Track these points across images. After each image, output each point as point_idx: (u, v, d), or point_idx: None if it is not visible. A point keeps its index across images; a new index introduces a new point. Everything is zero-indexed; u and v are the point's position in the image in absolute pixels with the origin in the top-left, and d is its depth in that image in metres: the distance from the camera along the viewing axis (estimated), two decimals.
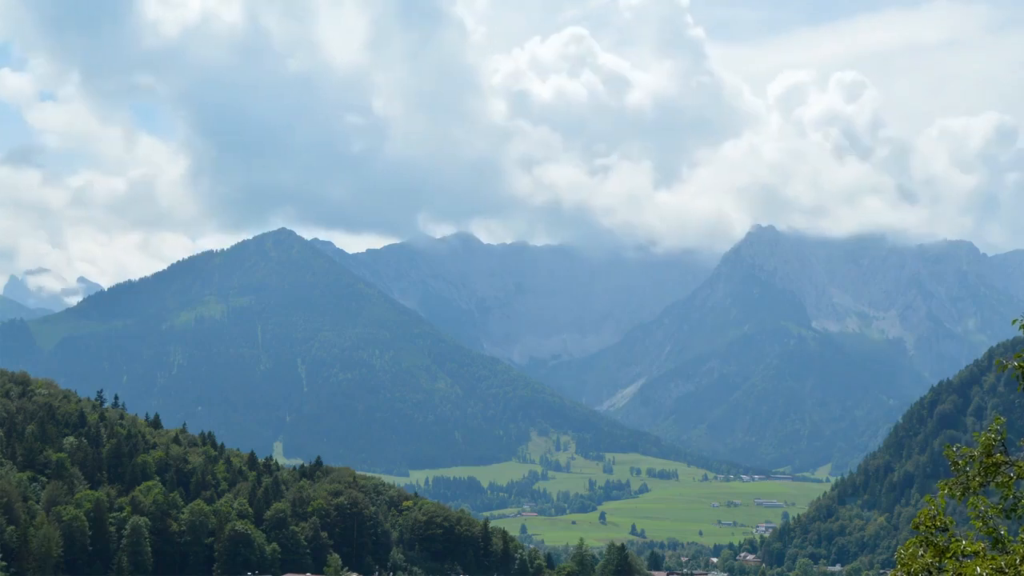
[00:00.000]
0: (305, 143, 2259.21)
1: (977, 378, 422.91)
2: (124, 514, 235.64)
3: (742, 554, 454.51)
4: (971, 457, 31.15)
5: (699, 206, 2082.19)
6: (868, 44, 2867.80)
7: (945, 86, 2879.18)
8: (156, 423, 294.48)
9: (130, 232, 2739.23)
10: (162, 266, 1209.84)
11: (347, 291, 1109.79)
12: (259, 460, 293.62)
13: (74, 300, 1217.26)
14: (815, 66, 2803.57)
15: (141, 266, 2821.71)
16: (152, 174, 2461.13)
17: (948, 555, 30.25)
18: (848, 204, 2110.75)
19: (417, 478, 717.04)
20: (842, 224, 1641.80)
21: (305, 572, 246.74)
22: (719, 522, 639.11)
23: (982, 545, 30.16)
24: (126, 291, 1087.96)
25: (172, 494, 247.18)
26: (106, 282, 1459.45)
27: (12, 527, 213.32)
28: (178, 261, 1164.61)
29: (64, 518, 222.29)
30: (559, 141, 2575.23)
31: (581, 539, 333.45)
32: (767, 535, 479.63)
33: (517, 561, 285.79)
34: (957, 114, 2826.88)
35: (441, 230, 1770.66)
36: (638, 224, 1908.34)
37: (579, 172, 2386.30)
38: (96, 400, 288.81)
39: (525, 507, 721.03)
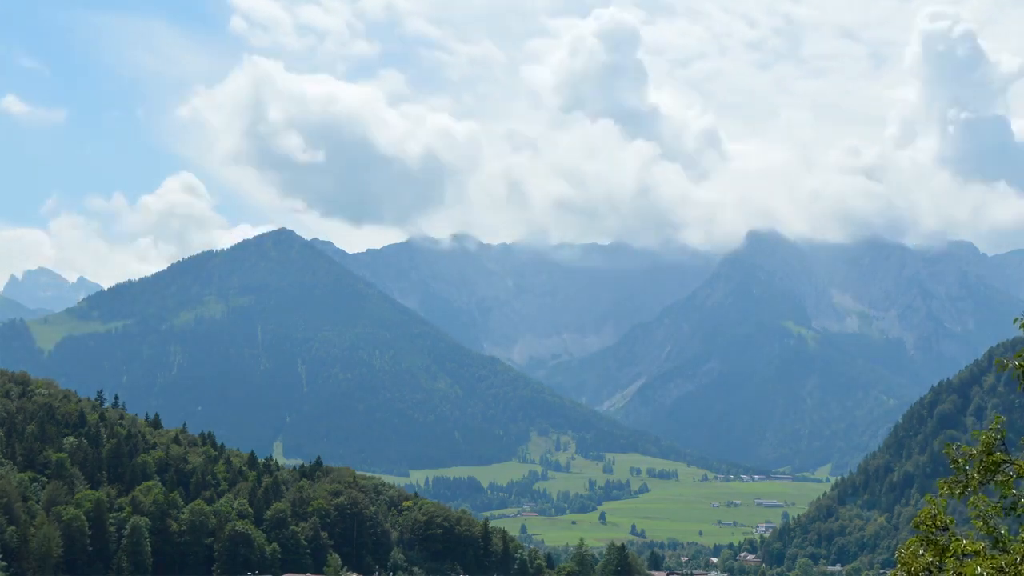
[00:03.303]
0: None
1: (977, 378, 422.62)
2: (124, 514, 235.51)
3: (742, 554, 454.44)
4: (971, 455, 31.12)
5: (701, 205, 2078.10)
6: None
7: None
8: (156, 423, 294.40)
9: None
10: (162, 266, 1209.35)
11: (347, 291, 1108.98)
12: (259, 460, 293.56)
13: (74, 300, 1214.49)
14: None
15: (141, 266, 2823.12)
16: None
17: (949, 554, 30.22)
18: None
19: (417, 478, 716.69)
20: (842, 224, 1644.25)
21: (305, 572, 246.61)
22: (719, 522, 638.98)
23: (983, 545, 30.13)
24: (126, 291, 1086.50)
25: (172, 494, 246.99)
26: (106, 282, 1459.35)
27: (12, 527, 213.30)
28: (178, 261, 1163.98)
29: (64, 518, 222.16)
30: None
31: (581, 539, 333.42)
32: (767, 535, 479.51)
33: (517, 561, 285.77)
34: None
35: (441, 230, 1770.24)
36: (639, 223, 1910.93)
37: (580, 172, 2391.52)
38: (96, 400, 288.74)
39: (525, 507, 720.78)
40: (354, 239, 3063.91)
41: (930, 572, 30.54)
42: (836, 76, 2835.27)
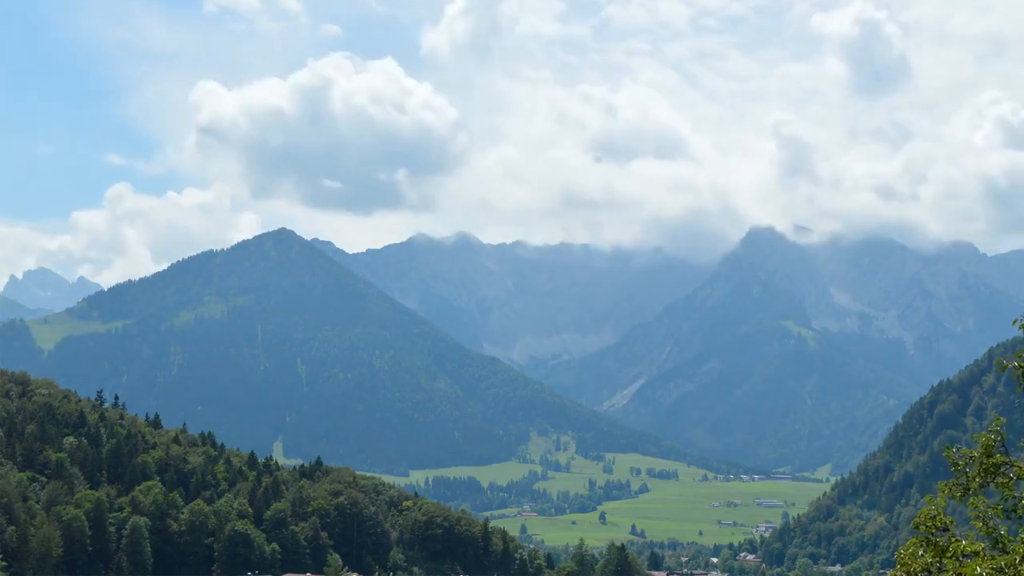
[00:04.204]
0: None
1: (977, 378, 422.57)
2: (124, 514, 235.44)
3: (742, 554, 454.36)
4: (971, 458, 31.15)
5: (701, 204, 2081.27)
6: None
7: None
8: (156, 423, 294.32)
9: None
10: (162, 266, 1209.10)
11: (347, 291, 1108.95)
12: (259, 460, 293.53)
13: (74, 300, 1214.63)
14: None
15: (141, 266, 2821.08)
16: None
17: (948, 555, 30.24)
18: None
19: (417, 478, 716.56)
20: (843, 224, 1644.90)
21: (305, 572, 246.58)
22: (719, 522, 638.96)
23: (982, 545, 30.16)
24: (126, 291, 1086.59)
25: (172, 494, 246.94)
26: (106, 282, 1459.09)
27: (12, 527, 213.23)
28: (178, 261, 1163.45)
29: (64, 518, 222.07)
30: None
31: (581, 539, 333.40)
32: (767, 535, 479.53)
33: (517, 561, 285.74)
34: None
35: (441, 230, 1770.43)
36: (639, 223, 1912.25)
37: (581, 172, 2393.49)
38: (96, 400, 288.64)
39: (525, 507, 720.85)
40: (354, 239, 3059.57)
41: (929, 573, 30.57)
42: (823, 59, 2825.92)
